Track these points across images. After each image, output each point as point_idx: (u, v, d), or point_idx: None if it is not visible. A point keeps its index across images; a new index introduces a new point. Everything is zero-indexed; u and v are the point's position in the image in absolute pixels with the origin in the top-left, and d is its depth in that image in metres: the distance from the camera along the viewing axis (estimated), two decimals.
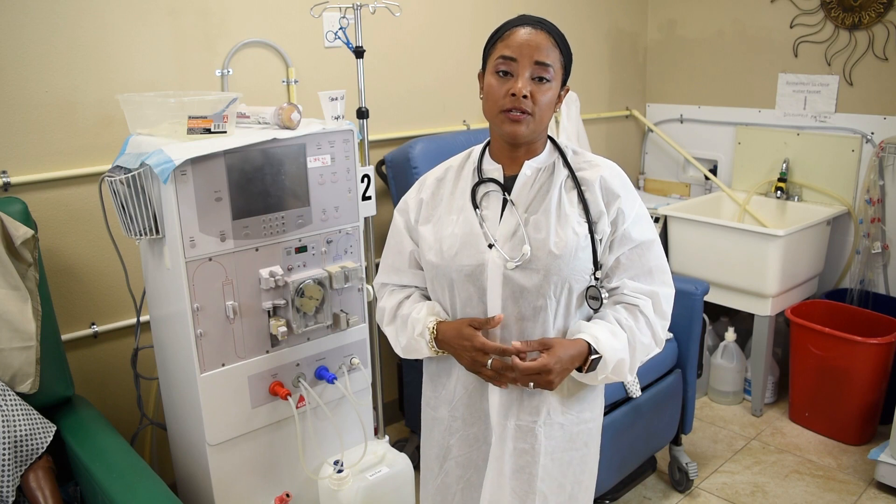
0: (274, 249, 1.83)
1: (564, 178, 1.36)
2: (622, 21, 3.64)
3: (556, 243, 1.30)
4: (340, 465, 1.93)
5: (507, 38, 1.30)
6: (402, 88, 2.81)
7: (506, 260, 1.32)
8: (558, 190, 1.35)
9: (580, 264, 1.32)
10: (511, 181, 1.38)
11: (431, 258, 1.39)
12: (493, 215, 1.37)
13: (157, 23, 2.17)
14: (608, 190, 1.34)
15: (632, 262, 1.36)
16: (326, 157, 1.89)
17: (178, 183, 1.64)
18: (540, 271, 1.31)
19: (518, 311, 1.33)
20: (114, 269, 2.17)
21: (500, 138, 1.37)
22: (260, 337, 1.84)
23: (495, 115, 1.32)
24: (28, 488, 1.66)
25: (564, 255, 1.30)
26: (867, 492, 2.57)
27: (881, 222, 3.05)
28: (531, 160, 1.38)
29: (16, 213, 1.80)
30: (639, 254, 1.36)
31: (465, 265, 1.34)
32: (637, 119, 3.81)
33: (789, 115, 3.30)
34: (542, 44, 1.28)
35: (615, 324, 1.34)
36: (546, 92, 1.29)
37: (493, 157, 1.42)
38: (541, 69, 1.28)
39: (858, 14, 3.00)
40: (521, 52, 1.28)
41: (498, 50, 1.31)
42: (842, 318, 2.98)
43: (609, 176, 1.36)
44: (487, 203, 1.39)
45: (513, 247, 1.33)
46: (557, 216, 1.33)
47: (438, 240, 1.39)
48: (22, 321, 1.77)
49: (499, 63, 1.30)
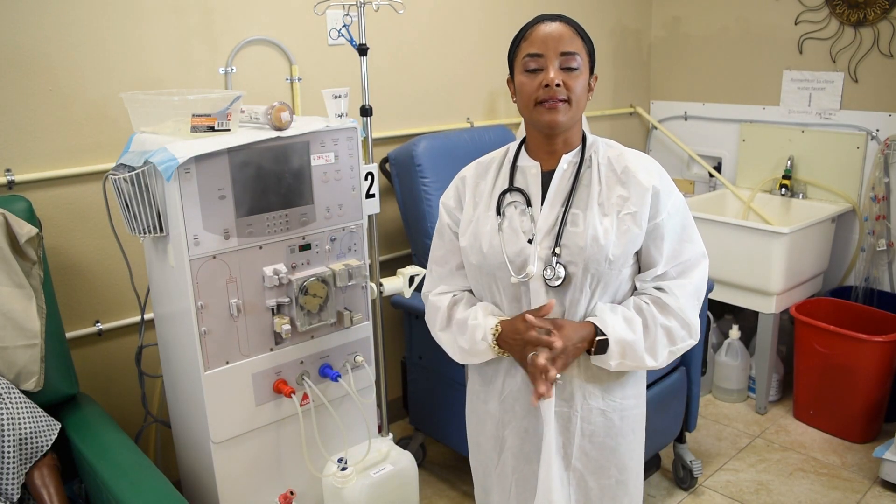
0: (278, 247, 1.83)
1: (602, 170, 1.37)
2: (626, 18, 3.63)
3: (593, 237, 1.31)
4: (344, 462, 1.94)
5: (529, 37, 1.33)
6: (406, 86, 2.81)
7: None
8: (597, 182, 1.36)
9: (618, 257, 1.33)
10: (549, 176, 1.39)
11: (472, 258, 1.42)
12: (535, 208, 1.38)
13: (161, 21, 2.17)
14: (646, 182, 1.35)
15: (667, 254, 1.37)
16: (330, 154, 1.89)
17: (181, 181, 1.64)
18: (578, 264, 1.32)
19: (559, 304, 1.35)
20: (118, 267, 2.17)
21: (538, 131, 1.38)
22: (264, 335, 1.84)
23: (532, 109, 1.34)
24: (33, 486, 1.67)
25: (603, 249, 1.31)
26: (872, 490, 2.56)
27: (886, 220, 3.04)
28: (568, 154, 1.39)
29: (20, 212, 1.80)
30: (675, 245, 1.37)
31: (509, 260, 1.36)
32: (641, 116, 3.80)
33: (794, 113, 3.29)
34: (565, 34, 1.31)
35: (632, 309, 1.35)
36: (577, 79, 1.32)
37: (530, 154, 1.43)
38: (568, 59, 1.31)
39: (864, 10, 2.98)
40: (545, 45, 1.31)
41: (523, 49, 1.34)
42: (846, 315, 2.97)
43: (646, 168, 1.37)
44: (520, 199, 1.40)
45: (552, 241, 1.34)
46: (596, 209, 1.34)
47: (477, 237, 1.40)
48: (26, 319, 1.77)
49: (526, 61, 1.32)
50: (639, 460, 1.50)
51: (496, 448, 1.51)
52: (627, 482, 1.47)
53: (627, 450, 1.45)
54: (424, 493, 2.55)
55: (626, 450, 1.45)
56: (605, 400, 1.41)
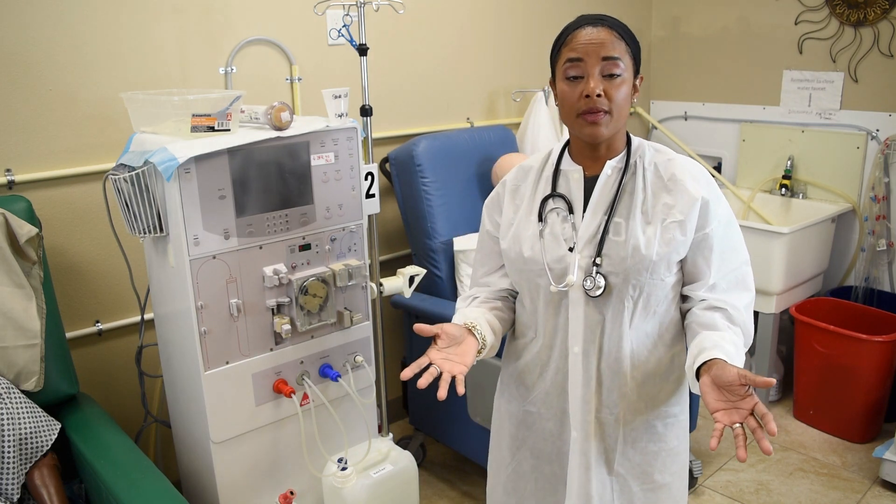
0: (278, 247, 1.83)
1: (648, 177, 1.33)
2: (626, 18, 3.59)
3: (634, 247, 1.28)
4: (344, 462, 1.94)
5: (570, 42, 1.28)
6: (406, 86, 2.81)
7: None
8: (641, 190, 1.32)
9: (661, 266, 1.29)
10: (592, 182, 1.36)
11: (513, 262, 1.40)
12: (577, 215, 1.35)
13: (162, 20, 2.17)
14: (694, 192, 1.30)
15: (717, 264, 1.33)
16: (330, 154, 1.89)
17: (181, 181, 1.64)
18: (619, 274, 1.29)
19: (599, 313, 1.32)
20: (118, 267, 2.17)
21: (581, 140, 1.35)
22: (264, 335, 1.84)
23: (573, 120, 1.30)
24: (33, 486, 1.67)
25: (644, 259, 1.28)
26: (872, 490, 2.56)
27: (886, 220, 3.04)
28: (612, 159, 1.35)
29: (20, 212, 1.80)
30: (724, 255, 1.33)
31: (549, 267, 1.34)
32: (641, 116, 3.80)
33: (794, 112, 3.29)
34: (606, 39, 1.26)
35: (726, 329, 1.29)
36: (619, 87, 1.27)
37: (574, 159, 1.39)
38: (610, 65, 1.26)
39: (864, 10, 2.98)
40: (586, 51, 1.26)
41: (563, 55, 1.29)
42: (846, 315, 2.97)
43: (694, 177, 1.32)
44: (562, 205, 1.37)
45: (593, 250, 1.31)
46: (640, 217, 1.30)
47: (518, 241, 1.38)
48: (26, 319, 1.77)
49: (567, 68, 1.28)
50: (683, 464, 1.48)
51: (511, 447, 1.50)
52: (672, 486, 1.45)
53: (671, 454, 1.43)
54: (424, 493, 2.55)
55: (669, 454, 1.43)
56: (649, 409, 1.39)
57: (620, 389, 1.36)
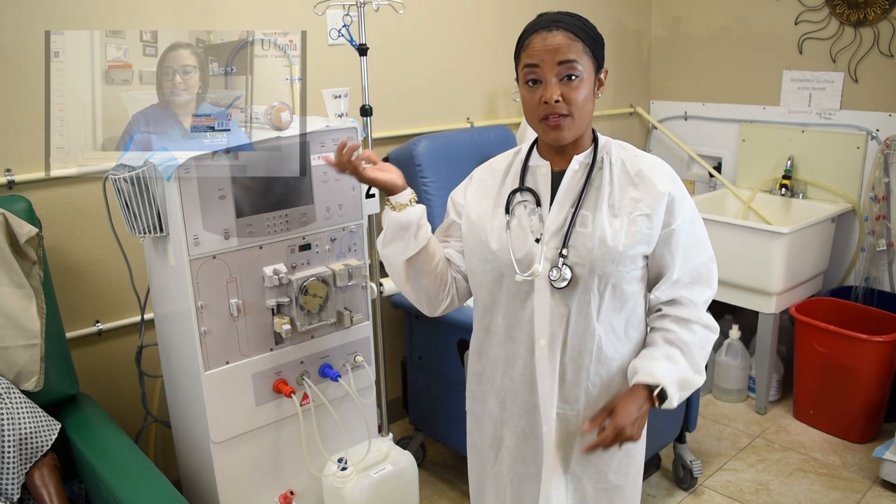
0: (278, 247, 1.83)
1: (615, 171, 1.36)
2: (626, 18, 3.63)
3: (601, 238, 1.30)
4: (344, 462, 1.94)
5: (527, 47, 1.31)
6: (406, 86, 2.81)
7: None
8: (608, 184, 1.35)
9: (627, 260, 1.32)
10: (560, 176, 1.38)
11: (477, 253, 1.41)
12: (544, 208, 1.37)
13: (162, 21, 2.17)
14: (661, 187, 1.33)
15: (681, 260, 1.35)
16: (330, 154, 1.89)
17: (181, 181, 1.64)
18: (585, 266, 1.31)
19: (564, 305, 1.34)
20: (118, 267, 2.17)
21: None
22: (264, 335, 1.84)
23: (536, 124, 1.33)
24: (33, 486, 1.67)
25: (611, 250, 1.30)
26: (872, 490, 2.56)
27: (886, 220, 3.04)
28: (579, 155, 1.38)
29: (20, 212, 1.80)
30: (688, 250, 1.36)
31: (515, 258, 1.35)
32: (641, 116, 3.80)
33: (794, 112, 3.29)
34: (562, 43, 1.27)
35: (665, 344, 1.35)
36: (578, 88, 1.29)
37: (542, 154, 1.43)
38: (566, 68, 1.28)
39: (864, 10, 2.98)
40: (541, 57, 1.28)
41: (522, 60, 1.32)
42: (846, 315, 2.97)
43: (661, 173, 1.35)
44: (530, 198, 1.39)
45: (559, 241, 1.33)
46: (606, 210, 1.33)
47: (485, 232, 1.40)
48: (26, 319, 1.77)
49: (525, 73, 1.31)
50: (638, 466, 1.49)
51: (493, 447, 1.50)
52: (624, 487, 1.46)
53: (627, 455, 1.44)
54: (424, 493, 2.55)
55: (626, 455, 1.44)
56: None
57: (583, 384, 1.37)
